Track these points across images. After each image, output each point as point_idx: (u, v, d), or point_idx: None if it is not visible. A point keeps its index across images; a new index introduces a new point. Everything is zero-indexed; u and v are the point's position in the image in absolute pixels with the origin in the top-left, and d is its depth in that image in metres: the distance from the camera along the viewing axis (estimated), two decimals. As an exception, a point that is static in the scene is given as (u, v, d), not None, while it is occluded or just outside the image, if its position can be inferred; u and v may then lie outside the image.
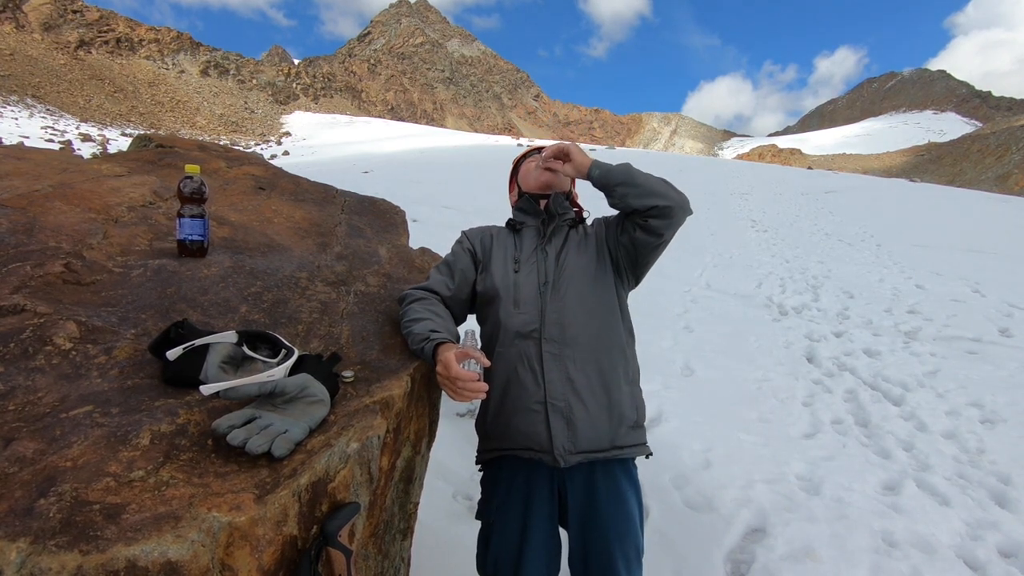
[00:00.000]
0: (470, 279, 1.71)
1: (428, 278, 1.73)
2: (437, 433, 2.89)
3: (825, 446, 3.59)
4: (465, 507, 2.87)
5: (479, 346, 1.52)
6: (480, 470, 1.74)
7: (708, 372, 4.70)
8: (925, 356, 5.19)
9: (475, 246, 1.76)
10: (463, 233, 1.82)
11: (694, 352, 5.14)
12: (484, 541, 1.64)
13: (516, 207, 1.83)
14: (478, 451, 1.72)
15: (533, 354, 1.55)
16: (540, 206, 1.76)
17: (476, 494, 3.04)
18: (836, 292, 7.53)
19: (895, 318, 6.39)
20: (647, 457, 1.63)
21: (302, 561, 0.92)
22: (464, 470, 3.16)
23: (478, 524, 1.70)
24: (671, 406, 3.99)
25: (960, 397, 4.33)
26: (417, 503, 1.76)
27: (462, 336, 1.49)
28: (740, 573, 2.54)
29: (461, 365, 1.32)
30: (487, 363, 1.39)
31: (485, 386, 1.33)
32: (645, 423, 1.66)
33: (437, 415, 1.79)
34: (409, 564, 1.83)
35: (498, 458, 1.63)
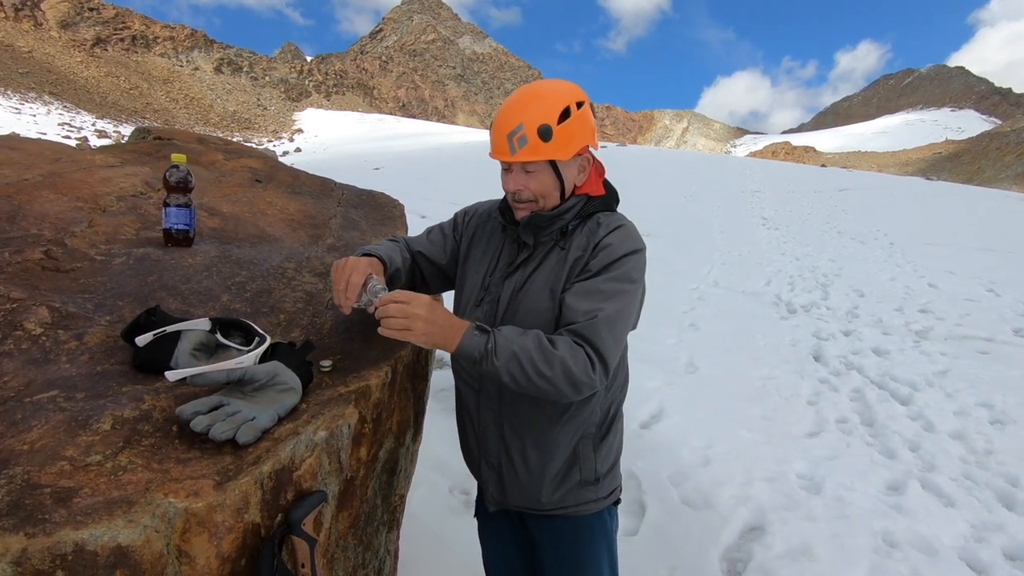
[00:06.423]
0: (456, 264, 1.54)
1: (424, 235, 1.54)
2: (437, 428, 2.88)
3: (828, 445, 3.53)
4: (461, 502, 2.86)
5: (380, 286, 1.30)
6: None
7: (712, 369, 4.64)
8: (935, 355, 5.10)
9: (461, 240, 1.52)
10: (463, 214, 1.55)
11: (698, 349, 5.08)
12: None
13: (503, 199, 1.43)
14: None
15: (472, 405, 1.44)
16: (516, 218, 1.36)
17: (473, 489, 3.03)
18: (846, 290, 7.42)
19: (906, 317, 6.28)
20: (615, 505, 1.50)
21: (264, 549, 0.90)
22: (462, 465, 3.12)
23: (474, 519, 1.72)
24: (672, 403, 3.94)
25: (970, 397, 4.24)
26: (403, 495, 1.75)
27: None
28: (736, 571, 2.51)
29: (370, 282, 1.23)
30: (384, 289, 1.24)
31: (350, 301, 1.21)
32: (613, 469, 1.45)
33: (423, 407, 1.77)
34: (396, 556, 1.82)
35: None
